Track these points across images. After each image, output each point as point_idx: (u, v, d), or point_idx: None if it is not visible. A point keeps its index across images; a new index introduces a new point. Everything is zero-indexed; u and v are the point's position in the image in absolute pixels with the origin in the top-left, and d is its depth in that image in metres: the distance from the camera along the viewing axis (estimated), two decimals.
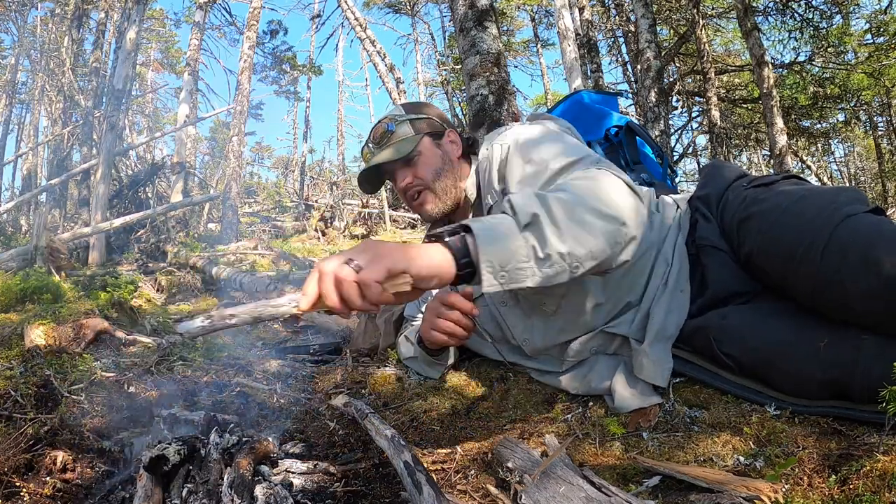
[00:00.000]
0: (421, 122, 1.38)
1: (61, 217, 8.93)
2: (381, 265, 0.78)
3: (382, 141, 1.37)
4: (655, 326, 1.17)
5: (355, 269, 0.77)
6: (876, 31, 8.48)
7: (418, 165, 1.35)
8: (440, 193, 1.36)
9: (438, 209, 1.37)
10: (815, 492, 0.73)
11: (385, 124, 1.38)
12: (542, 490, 0.76)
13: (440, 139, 1.39)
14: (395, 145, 1.35)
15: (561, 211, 0.90)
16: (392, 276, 0.79)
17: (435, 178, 1.35)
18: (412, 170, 1.35)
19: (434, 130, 1.39)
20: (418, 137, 1.35)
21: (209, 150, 23.09)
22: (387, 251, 0.80)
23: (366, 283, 0.76)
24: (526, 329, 1.35)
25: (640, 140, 1.70)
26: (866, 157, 17.61)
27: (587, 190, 0.97)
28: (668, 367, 1.15)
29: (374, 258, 0.79)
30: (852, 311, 0.91)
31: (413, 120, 1.38)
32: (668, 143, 6.25)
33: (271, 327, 2.91)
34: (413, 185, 1.35)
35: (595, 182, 1.00)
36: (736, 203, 1.15)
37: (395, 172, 1.38)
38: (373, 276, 0.77)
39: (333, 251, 7.65)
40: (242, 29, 10.72)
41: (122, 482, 1.00)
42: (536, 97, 17.21)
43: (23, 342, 1.53)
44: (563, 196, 0.93)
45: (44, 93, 11.62)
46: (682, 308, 1.18)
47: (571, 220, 0.90)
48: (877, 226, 0.91)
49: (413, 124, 1.37)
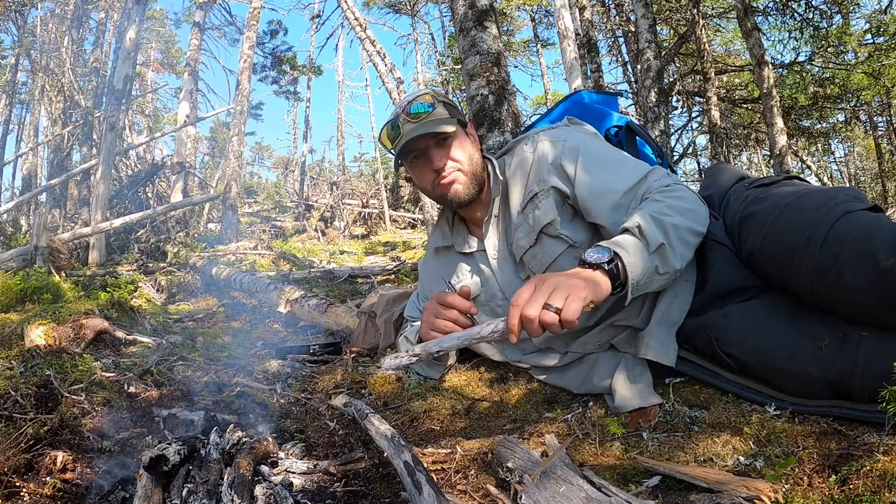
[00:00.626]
0: (453, 108, 1.40)
1: (61, 217, 8.93)
2: (577, 304, 0.93)
3: (420, 116, 1.34)
4: (661, 311, 1.19)
5: (556, 312, 0.92)
6: (876, 31, 8.47)
7: (453, 147, 1.35)
8: (471, 178, 1.37)
9: (467, 193, 1.37)
10: (815, 492, 0.73)
11: (423, 101, 1.36)
12: (542, 490, 0.76)
13: (465, 129, 1.42)
14: (436, 122, 1.33)
15: (675, 237, 1.08)
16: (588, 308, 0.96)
17: (469, 161, 1.37)
18: (446, 150, 1.34)
19: (462, 119, 1.41)
20: (454, 121, 1.35)
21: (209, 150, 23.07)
22: (574, 288, 0.95)
23: (569, 321, 0.92)
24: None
25: (640, 140, 1.70)
26: (866, 157, 17.61)
27: (686, 211, 1.13)
28: (673, 349, 1.16)
29: (569, 298, 0.93)
30: (850, 303, 0.92)
31: (446, 103, 1.40)
32: (668, 143, 6.25)
33: (271, 327, 2.91)
34: (445, 166, 1.34)
35: (687, 199, 1.16)
36: (738, 203, 1.17)
37: (429, 151, 1.34)
38: (573, 315, 0.92)
39: (333, 251, 7.65)
40: (242, 29, 10.72)
41: (122, 482, 1.00)
42: (536, 97, 17.20)
43: (23, 342, 1.53)
44: (674, 221, 1.10)
45: (44, 93, 11.61)
46: (686, 295, 1.20)
47: (681, 243, 1.09)
48: (874, 221, 0.93)
49: (447, 107, 1.39)
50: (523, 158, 1.38)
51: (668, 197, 1.15)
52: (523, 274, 1.39)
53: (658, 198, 1.15)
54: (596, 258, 1.02)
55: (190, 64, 10.79)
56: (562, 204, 1.31)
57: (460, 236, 1.50)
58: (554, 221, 1.30)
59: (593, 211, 1.24)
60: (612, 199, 1.22)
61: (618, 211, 1.21)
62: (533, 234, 1.32)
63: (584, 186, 1.26)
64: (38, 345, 1.49)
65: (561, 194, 1.30)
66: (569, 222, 1.31)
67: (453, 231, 1.52)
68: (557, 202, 1.31)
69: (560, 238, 1.30)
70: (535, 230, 1.32)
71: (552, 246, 1.31)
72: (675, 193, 1.17)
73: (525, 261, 1.36)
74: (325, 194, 12.83)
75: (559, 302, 0.93)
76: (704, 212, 1.18)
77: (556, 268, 1.31)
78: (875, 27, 8.43)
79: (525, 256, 1.35)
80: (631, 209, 1.19)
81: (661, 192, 1.17)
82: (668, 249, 1.06)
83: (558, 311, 0.93)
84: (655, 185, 1.21)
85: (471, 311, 1.30)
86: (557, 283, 0.96)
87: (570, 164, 1.29)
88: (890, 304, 0.87)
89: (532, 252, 1.34)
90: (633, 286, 1.02)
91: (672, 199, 1.15)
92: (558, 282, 0.96)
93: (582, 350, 1.31)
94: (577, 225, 1.30)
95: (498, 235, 1.43)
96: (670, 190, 1.18)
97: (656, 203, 1.13)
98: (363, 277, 4.53)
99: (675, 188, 1.19)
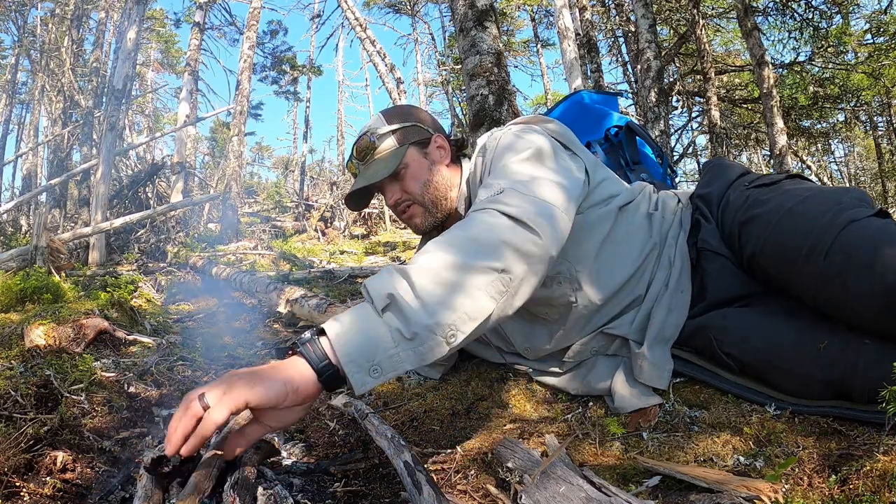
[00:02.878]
0: (406, 131, 1.30)
1: (61, 217, 8.92)
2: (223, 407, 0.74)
3: (367, 156, 1.29)
4: (655, 328, 1.17)
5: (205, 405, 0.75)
6: (876, 31, 8.47)
7: (405, 179, 1.28)
8: (429, 206, 1.29)
9: (428, 222, 1.31)
10: (815, 492, 0.73)
11: (368, 138, 1.29)
12: (542, 490, 0.76)
13: (426, 147, 1.31)
14: (380, 161, 1.28)
15: (424, 279, 0.83)
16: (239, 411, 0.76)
17: (423, 190, 1.28)
18: (400, 184, 1.28)
19: (420, 138, 1.30)
20: (403, 150, 1.27)
21: (209, 150, 23.07)
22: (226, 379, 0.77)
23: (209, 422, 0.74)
24: (527, 338, 1.34)
25: (640, 140, 1.70)
26: (866, 157, 17.60)
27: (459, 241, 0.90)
28: (668, 369, 1.15)
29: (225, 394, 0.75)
30: (853, 313, 0.91)
31: (397, 130, 1.29)
32: (668, 143, 6.24)
33: (271, 327, 2.91)
34: (402, 200, 1.29)
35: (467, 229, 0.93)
36: (738, 204, 1.14)
37: (384, 188, 1.30)
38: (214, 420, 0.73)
39: (333, 251, 7.65)
40: (242, 29, 10.72)
41: (122, 482, 1.00)
42: (536, 97, 17.21)
43: (23, 342, 1.53)
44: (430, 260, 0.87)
45: (44, 93, 11.61)
46: (682, 309, 1.18)
47: (437, 287, 0.83)
48: (881, 230, 0.90)
49: (397, 135, 1.29)
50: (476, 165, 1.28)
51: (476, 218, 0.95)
52: None
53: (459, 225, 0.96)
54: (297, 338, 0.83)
55: (190, 64, 10.78)
56: None
57: None
58: None
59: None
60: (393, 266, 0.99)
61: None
62: None
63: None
64: (38, 345, 1.48)
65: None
66: None
67: None
68: None
69: None
70: None
71: None
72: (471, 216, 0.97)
73: None
74: (325, 194, 12.82)
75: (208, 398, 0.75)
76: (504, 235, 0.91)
77: None
78: (875, 27, 8.43)
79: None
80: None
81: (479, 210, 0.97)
82: (405, 303, 0.81)
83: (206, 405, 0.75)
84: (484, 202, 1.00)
85: None
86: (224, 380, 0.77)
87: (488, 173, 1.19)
88: (894, 316, 0.86)
89: None
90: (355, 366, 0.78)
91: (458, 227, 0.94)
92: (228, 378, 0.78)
93: (577, 359, 1.30)
94: None
95: None
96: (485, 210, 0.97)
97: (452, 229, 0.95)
98: (363, 277, 4.53)
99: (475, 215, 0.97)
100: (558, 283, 1.21)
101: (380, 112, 1.37)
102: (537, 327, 1.31)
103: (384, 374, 0.80)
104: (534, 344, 1.33)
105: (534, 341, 1.33)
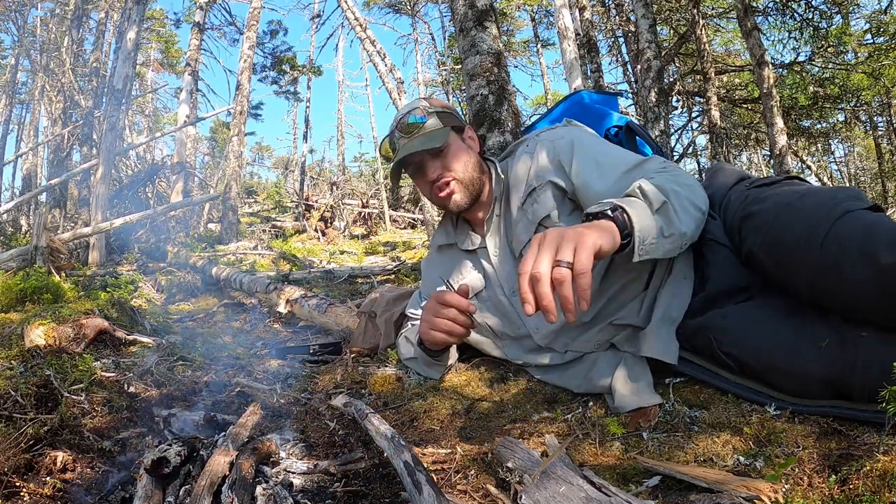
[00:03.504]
0: (447, 115, 1.41)
1: (61, 217, 8.92)
2: (587, 252, 0.88)
3: (413, 131, 1.37)
4: (661, 309, 1.20)
5: (567, 267, 0.85)
6: (876, 31, 8.47)
7: (448, 157, 1.37)
8: (468, 185, 1.38)
9: (466, 200, 1.39)
10: (815, 492, 0.73)
11: (414, 115, 1.39)
12: (542, 490, 0.76)
13: (463, 133, 1.43)
14: (426, 135, 1.36)
15: (676, 201, 1.07)
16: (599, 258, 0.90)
17: (464, 170, 1.38)
18: (441, 161, 1.37)
19: (458, 124, 1.42)
20: (447, 130, 1.37)
21: (209, 150, 23.06)
22: (580, 237, 0.89)
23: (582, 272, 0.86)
24: (539, 316, 1.35)
25: (640, 140, 1.70)
26: (866, 157, 17.61)
27: (684, 185, 1.13)
28: (675, 347, 1.17)
29: (577, 248, 0.88)
30: (849, 302, 0.93)
31: (440, 112, 1.40)
32: (668, 143, 6.25)
33: (271, 327, 2.91)
34: (443, 177, 1.37)
35: (685, 177, 1.16)
36: (738, 202, 1.17)
37: (425, 163, 1.38)
38: (586, 265, 0.86)
39: (333, 251, 7.65)
40: (242, 29, 10.72)
41: (123, 482, 1.00)
42: (536, 97, 17.20)
43: (23, 342, 1.53)
44: (675, 188, 1.09)
45: (44, 93, 11.61)
46: (685, 294, 1.21)
47: (682, 209, 1.07)
48: (875, 221, 0.93)
49: (440, 117, 1.39)
50: (523, 159, 1.40)
51: (667, 175, 1.16)
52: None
53: (655, 176, 1.15)
54: (598, 208, 1.01)
55: (190, 64, 10.78)
56: (561, 198, 1.32)
57: (463, 234, 1.51)
58: (552, 214, 1.31)
59: (589, 201, 1.26)
60: (608, 186, 1.23)
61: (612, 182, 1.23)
62: (532, 228, 1.34)
63: (579, 177, 1.28)
64: (38, 345, 1.48)
65: (559, 189, 1.32)
66: (567, 216, 1.32)
67: (457, 229, 1.53)
68: (556, 196, 1.32)
69: None
70: (533, 223, 1.33)
71: None
72: (673, 173, 1.18)
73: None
74: (325, 194, 12.82)
75: (568, 255, 0.87)
76: (703, 192, 1.18)
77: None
78: (875, 27, 8.43)
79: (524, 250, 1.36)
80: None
81: (659, 172, 1.18)
82: (671, 210, 1.05)
83: (570, 265, 0.86)
84: (652, 168, 1.21)
85: (469, 310, 1.31)
86: (562, 237, 0.90)
87: (567, 159, 1.31)
88: (890, 304, 0.87)
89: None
90: (639, 239, 0.99)
91: (670, 175, 1.16)
92: (562, 234, 0.91)
93: (582, 349, 1.31)
94: (575, 219, 1.30)
95: (500, 234, 1.44)
96: (667, 171, 1.19)
97: (655, 177, 1.13)
98: (363, 277, 4.53)
99: (672, 169, 1.20)
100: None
101: (419, 98, 1.49)
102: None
103: (645, 255, 1.01)
104: (543, 322, 1.36)
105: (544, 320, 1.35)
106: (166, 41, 17.61)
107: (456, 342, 1.38)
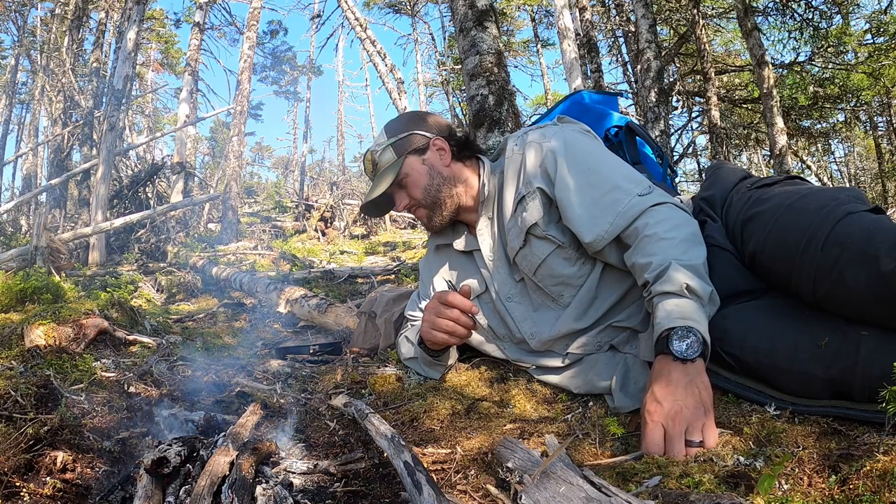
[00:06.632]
0: (403, 142, 1.44)
1: (61, 217, 8.92)
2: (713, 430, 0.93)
3: (373, 173, 1.48)
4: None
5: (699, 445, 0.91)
6: (876, 31, 8.47)
7: (408, 187, 1.43)
8: (434, 207, 1.43)
9: (437, 221, 1.45)
10: (815, 492, 0.73)
11: (370, 155, 1.48)
12: (542, 490, 0.76)
13: (424, 153, 1.44)
14: (381, 174, 1.44)
15: (706, 270, 1.09)
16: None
17: (425, 195, 1.42)
18: (405, 191, 1.44)
19: (418, 146, 1.44)
20: (401, 160, 1.42)
21: (209, 150, 23.07)
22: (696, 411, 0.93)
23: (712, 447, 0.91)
24: (534, 323, 1.36)
25: (640, 140, 1.70)
26: (866, 157, 17.59)
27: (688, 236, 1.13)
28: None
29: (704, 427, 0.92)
30: (850, 304, 0.93)
31: (394, 143, 1.44)
32: (668, 143, 6.24)
33: (271, 327, 2.91)
34: (409, 205, 1.45)
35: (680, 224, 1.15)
36: (740, 204, 1.17)
37: (393, 195, 1.47)
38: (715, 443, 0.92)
39: (333, 251, 7.65)
40: (242, 29, 10.72)
41: (122, 482, 1.00)
42: (536, 97, 17.20)
43: (23, 342, 1.53)
44: (696, 254, 1.10)
45: (44, 93, 11.60)
46: None
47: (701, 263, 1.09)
48: (876, 223, 0.93)
49: (395, 147, 1.43)
50: (513, 160, 1.39)
51: (666, 226, 1.13)
52: (517, 276, 1.40)
53: (660, 231, 1.13)
54: (686, 350, 0.98)
55: (190, 64, 10.78)
56: (549, 205, 1.31)
57: (460, 235, 1.51)
58: (539, 222, 1.30)
59: (568, 216, 1.25)
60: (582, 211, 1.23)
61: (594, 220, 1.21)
62: (521, 236, 1.33)
63: (560, 192, 1.27)
64: (39, 345, 1.48)
65: (547, 196, 1.31)
66: (556, 223, 1.31)
67: (454, 230, 1.53)
68: (545, 203, 1.31)
69: (547, 239, 1.31)
70: (522, 231, 1.33)
71: (539, 247, 1.32)
72: (665, 217, 1.15)
73: (517, 262, 1.37)
74: (325, 194, 12.81)
75: (698, 436, 0.92)
76: (695, 223, 1.18)
77: (545, 269, 1.32)
78: (875, 27, 8.43)
79: (517, 258, 1.36)
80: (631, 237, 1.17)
81: (656, 220, 1.15)
82: (712, 290, 1.07)
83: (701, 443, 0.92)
84: (636, 209, 1.17)
85: (472, 311, 1.31)
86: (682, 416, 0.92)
87: (552, 169, 1.30)
88: (890, 305, 0.87)
89: (522, 253, 1.35)
90: (708, 340, 1.01)
91: (670, 227, 1.13)
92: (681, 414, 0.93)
93: (582, 352, 1.31)
94: (563, 226, 1.30)
95: (493, 237, 1.44)
96: (657, 213, 1.16)
97: (665, 241, 1.11)
98: (363, 277, 4.53)
99: (659, 210, 1.17)
100: (582, 263, 1.30)
101: (384, 125, 1.52)
102: (544, 312, 1.35)
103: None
104: (541, 329, 1.35)
105: (541, 327, 1.35)
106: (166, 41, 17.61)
107: (457, 342, 1.38)
